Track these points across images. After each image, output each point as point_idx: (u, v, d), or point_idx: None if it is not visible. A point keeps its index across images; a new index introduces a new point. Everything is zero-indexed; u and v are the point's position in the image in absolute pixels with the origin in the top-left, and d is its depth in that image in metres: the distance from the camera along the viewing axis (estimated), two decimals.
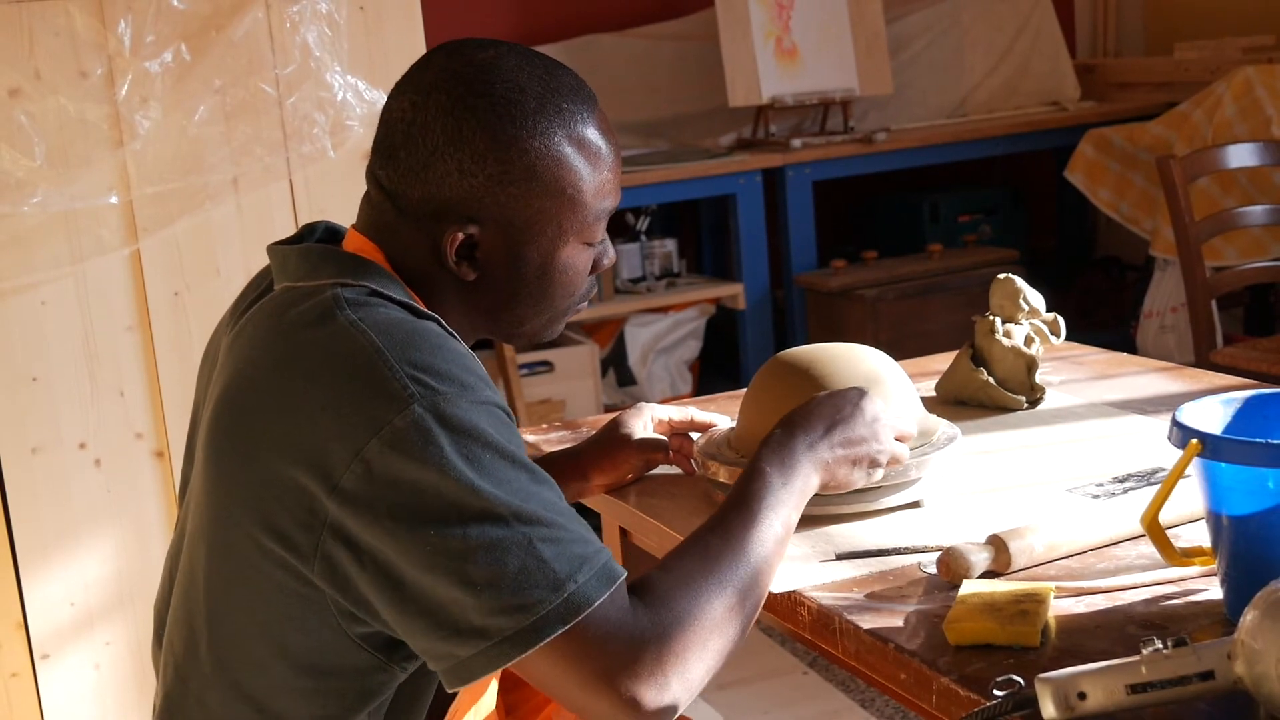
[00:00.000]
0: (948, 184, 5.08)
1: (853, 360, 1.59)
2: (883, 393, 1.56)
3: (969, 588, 1.26)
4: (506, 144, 1.27)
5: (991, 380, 1.88)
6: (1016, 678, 1.09)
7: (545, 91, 1.29)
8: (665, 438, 1.66)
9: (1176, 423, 1.19)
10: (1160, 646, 1.03)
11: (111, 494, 2.44)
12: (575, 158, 1.30)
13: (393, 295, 1.25)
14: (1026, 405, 1.88)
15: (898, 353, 1.81)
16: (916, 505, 1.55)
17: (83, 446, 2.41)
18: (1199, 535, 1.31)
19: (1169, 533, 1.27)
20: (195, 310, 2.45)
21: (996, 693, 1.08)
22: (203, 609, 1.27)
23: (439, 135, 1.27)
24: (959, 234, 4.77)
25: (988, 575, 1.33)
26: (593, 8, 4.84)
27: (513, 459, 1.16)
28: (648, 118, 4.65)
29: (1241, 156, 3.42)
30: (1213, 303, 3.33)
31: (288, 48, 2.43)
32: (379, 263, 1.30)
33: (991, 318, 1.91)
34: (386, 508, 1.14)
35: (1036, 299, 1.91)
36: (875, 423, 1.42)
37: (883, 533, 1.48)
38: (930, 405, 1.83)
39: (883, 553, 1.42)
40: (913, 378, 1.66)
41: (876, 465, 1.43)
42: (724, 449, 1.60)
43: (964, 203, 4.86)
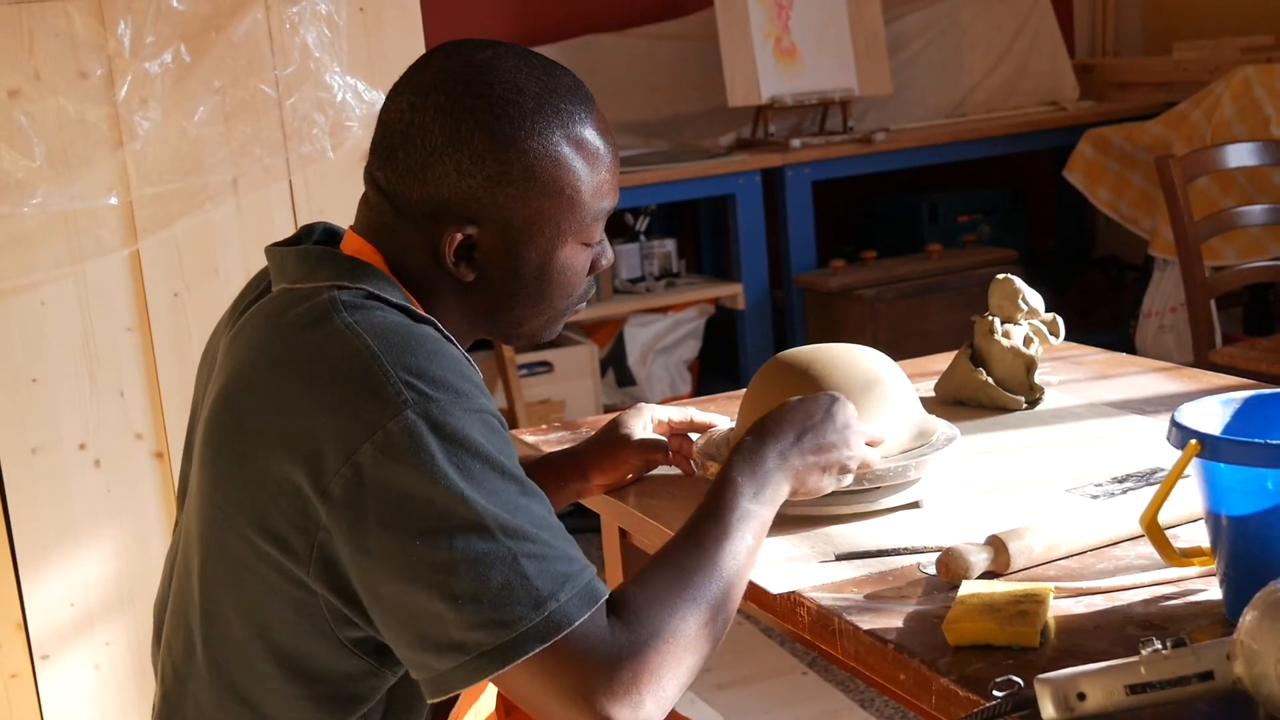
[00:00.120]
0: (947, 184, 5.08)
1: (851, 361, 1.59)
2: (882, 393, 1.56)
3: (968, 588, 1.26)
4: (505, 144, 1.27)
5: (990, 380, 1.88)
6: (1016, 678, 1.09)
7: (543, 92, 1.29)
8: (665, 438, 1.66)
9: (1175, 423, 1.19)
10: (1159, 647, 1.03)
11: (111, 494, 2.44)
12: (574, 158, 1.30)
13: (390, 298, 1.26)
14: (1025, 405, 1.89)
15: (897, 353, 1.81)
16: (916, 506, 1.55)
17: (82, 447, 2.42)
18: (1198, 536, 1.31)
19: (1168, 533, 1.27)
20: (195, 311, 2.45)
21: (996, 693, 1.08)
22: (198, 610, 1.27)
23: (437, 136, 1.27)
24: (958, 234, 4.77)
25: (987, 576, 1.33)
26: (592, 8, 4.84)
27: (503, 470, 1.16)
28: (647, 118, 4.65)
29: (1240, 156, 3.42)
30: (1212, 302, 3.33)
31: (287, 49, 2.43)
32: (377, 265, 1.30)
33: (990, 318, 1.91)
34: (374, 514, 1.14)
35: (1035, 299, 1.92)
36: (846, 429, 1.42)
37: (882, 533, 1.48)
38: (929, 405, 1.83)
39: (882, 553, 1.42)
40: (912, 378, 1.66)
41: (846, 471, 1.43)
42: (723, 449, 1.60)
43: (963, 203, 4.86)
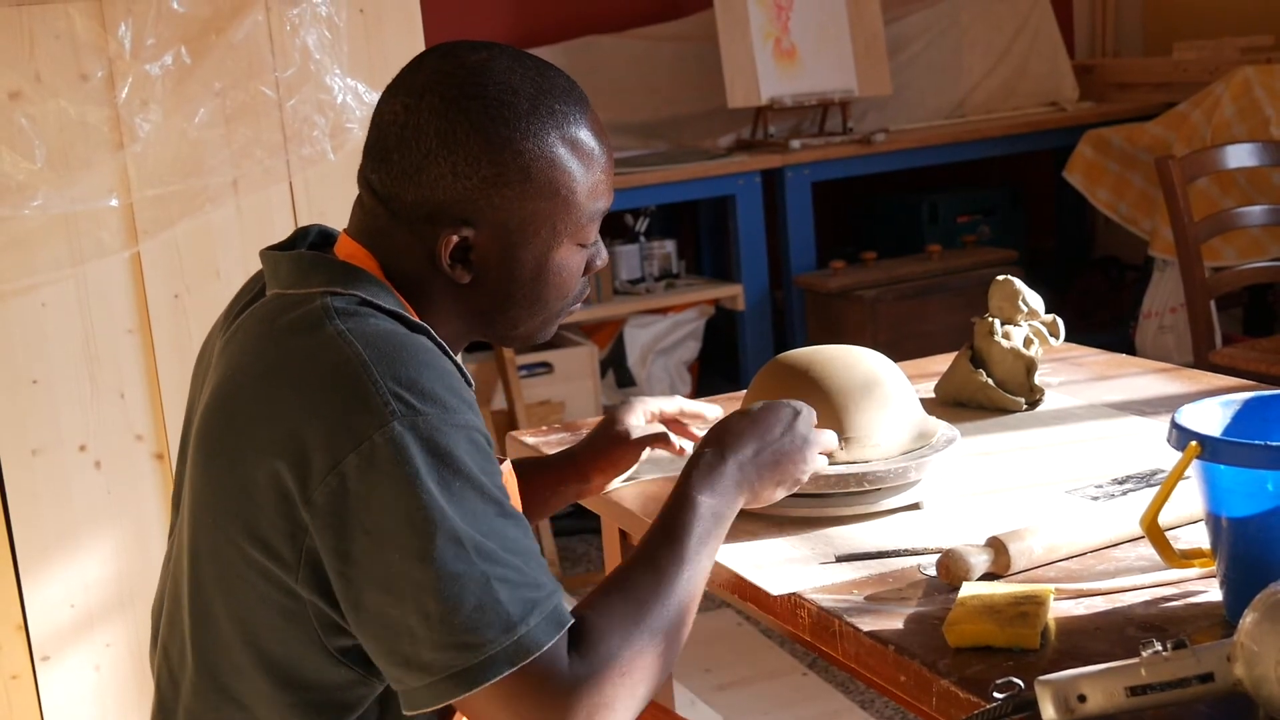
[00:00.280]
0: (946, 185, 5.08)
1: (851, 362, 1.59)
2: (882, 394, 1.56)
3: (969, 590, 1.26)
4: (501, 145, 1.26)
5: (990, 382, 1.88)
6: (1016, 680, 1.09)
7: (538, 93, 1.29)
8: (664, 428, 1.65)
9: (1176, 425, 1.19)
10: (1160, 649, 1.03)
11: (112, 496, 2.44)
12: (569, 159, 1.29)
13: (383, 304, 1.25)
14: (1026, 407, 1.89)
15: (897, 354, 1.82)
16: (916, 507, 1.55)
17: (83, 448, 2.42)
18: (1198, 537, 1.32)
19: (1168, 534, 1.27)
20: (195, 312, 2.45)
21: (996, 695, 1.08)
22: (190, 615, 1.28)
23: (433, 138, 1.26)
24: (958, 235, 4.77)
25: (987, 577, 1.33)
26: (592, 9, 4.84)
27: (483, 490, 1.16)
28: (647, 119, 4.65)
29: (1240, 157, 3.42)
30: (1211, 303, 3.33)
31: (288, 51, 2.43)
32: (370, 269, 1.30)
33: (990, 319, 1.91)
34: (356, 525, 1.14)
35: (1035, 301, 1.92)
36: (805, 445, 1.43)
37: (882, 535, 1.48)
38: (929, 407, 1.83)
39: (882, 555, 1.42)
40: (912, 379, 1.66)
41: (799, 483, 1.44)
42: None
43: (963, 203, 4.86)
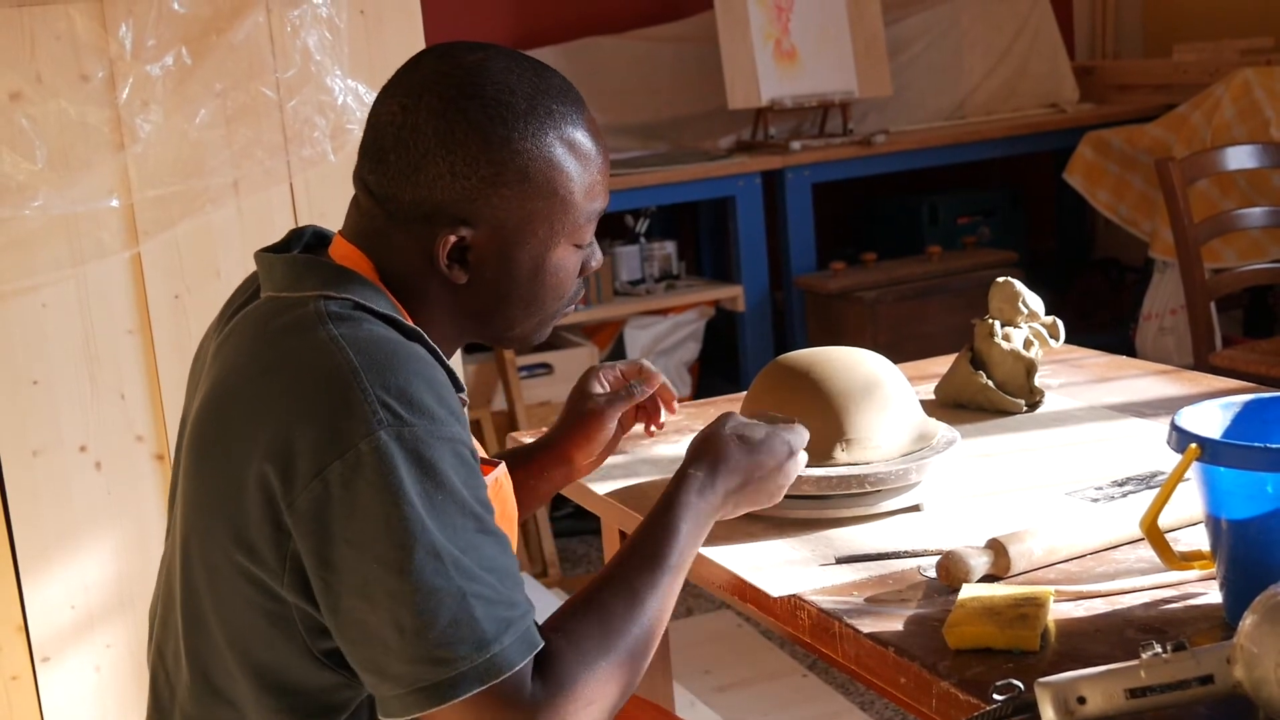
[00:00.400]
0: (947, 186, 5.08)
1: (852, 363, 1.59)
2: (882, 396, 1.56)
3: (968, 591, 1.26)
4: (498, 145, 1.26)
5: (991, 383, 1.88)
6: (1016, 682, 1.09)
7: (535, 93, 1.28)
8: (631, 383, 1.61)
9: (1175, 427, 1.19)
10: (1159, 651, 1.03)
11: (112, 496, 2.44)
12: (566, 159, 1.29)
13: (377, 308, 1.25)
14: (1026, 408, 1.89)
15: (897, 355, 1.82)
16: (916, 509, 1.55)
17: (83, 449, 2.42)
18: (1198, 539, 1.32)
19: (1168, 537, 1.27)
20: (196, 313, 2.45)
21: (996, 697, 1.08)
22: (183, 618, 1.28)
23: (430, 138, 1.26)
24: (958, 236, 4.77)
25: (987, 579, 1.33)
26: (592, 10, 4.84)
27: (464, 505, 1.16)
28: (647, 120, 4.65)
29: (1240, 158, 3.42)
30: (1212, 305, 3.33)
31: (288, 51, 2.43)
32: (365, 271, 1.29)
33: (991, 321, 1.91)
34: (338, 532, 1.14)
35: (1035, 302, 1.92)
36: (786, 485, 1.43)
37: (882, 536, 1.48)
38: (929, 408, 1.83)
39: (882, 556, 1.42)
40: (912, 381, 1.66)
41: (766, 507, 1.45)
42: None
43: (963, 205, 4.86)
